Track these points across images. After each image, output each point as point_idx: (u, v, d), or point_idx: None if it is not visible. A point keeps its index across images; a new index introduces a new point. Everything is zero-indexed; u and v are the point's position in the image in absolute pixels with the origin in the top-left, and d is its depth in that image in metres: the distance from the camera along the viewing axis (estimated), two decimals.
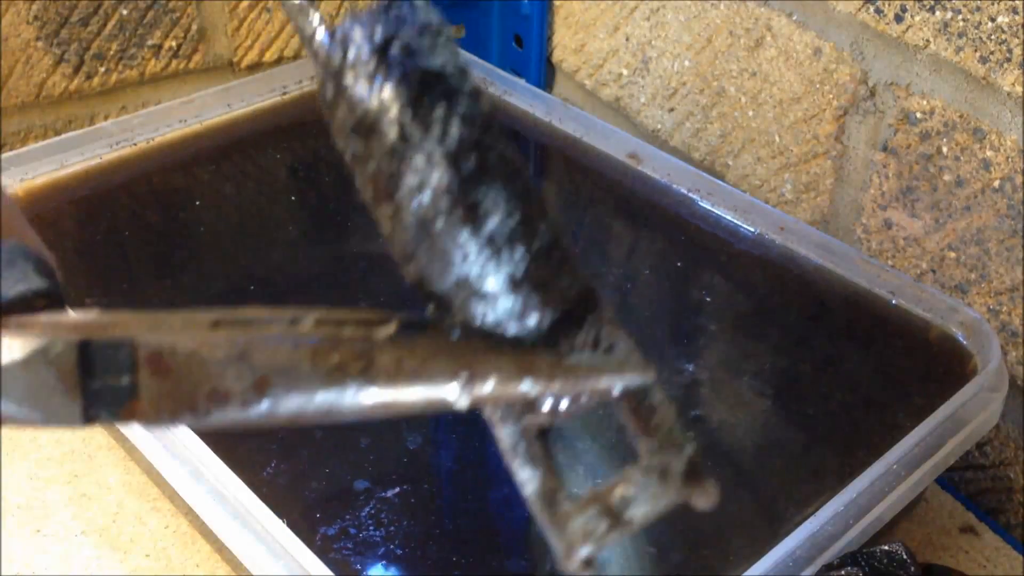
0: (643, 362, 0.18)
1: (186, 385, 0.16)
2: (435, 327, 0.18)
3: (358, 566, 0.35)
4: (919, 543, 0.41)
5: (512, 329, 0.17)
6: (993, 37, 0.41)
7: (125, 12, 0.57)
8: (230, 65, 0.61)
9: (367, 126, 0.18)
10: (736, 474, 0.40)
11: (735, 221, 0.50)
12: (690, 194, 0.51)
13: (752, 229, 0.49)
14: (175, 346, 0.16)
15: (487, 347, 0.17)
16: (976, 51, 0.42)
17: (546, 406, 0.17)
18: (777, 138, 0.52)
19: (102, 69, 0.58)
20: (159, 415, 0.16)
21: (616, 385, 0.17)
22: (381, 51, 0.18)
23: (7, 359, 0.15)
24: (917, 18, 0.44)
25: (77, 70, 0.57)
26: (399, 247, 0.18)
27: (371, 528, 0.36)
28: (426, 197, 0.17)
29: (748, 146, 0.54)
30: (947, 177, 0.45)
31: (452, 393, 0.16)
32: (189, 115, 0.53)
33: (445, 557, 0.36)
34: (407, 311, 0.18)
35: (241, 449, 0.38)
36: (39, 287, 0.17)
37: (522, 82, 0.59)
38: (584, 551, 0.17)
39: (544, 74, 0.66)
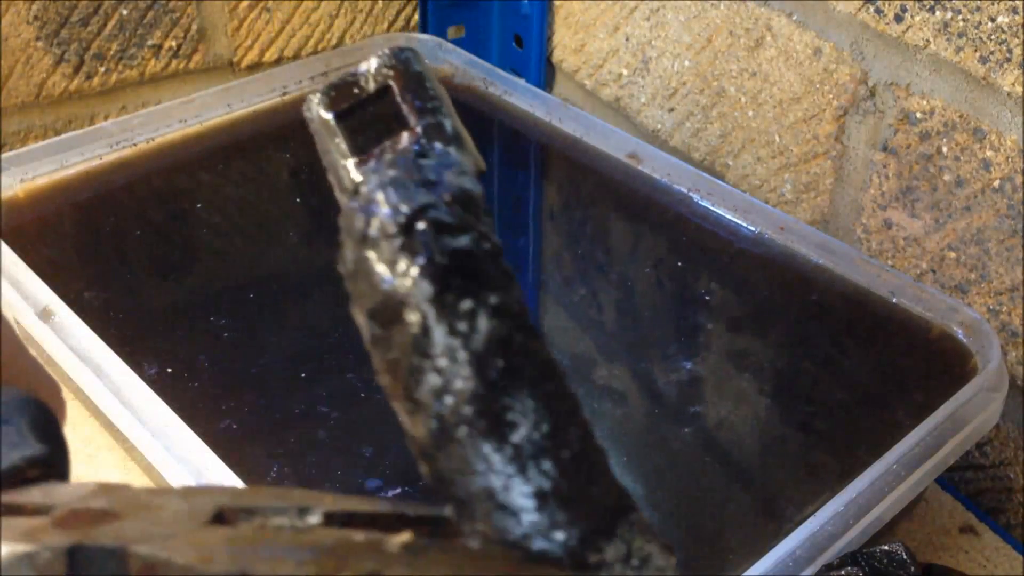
0: None
1: None
2: (454, 532, 0.16)
3: None
4: (919, 543, 0.41)
5: (538, 544, 0.16)
6: (993, 37, 0.41)
7: (125, 12, 0.57)
8: (230, 65, 0.61)
9: (388, 311, 0.16)
10: (736, 473, 0.40)
11: (735, 221, 0.50)
12: (690, 194, 0.51)
13: (752, 229, 0.49)
14: (171, 560, 0.14)
15: (508, 563, 0.16)
16: (976, 51, 0.42)
17: None
18: (777, 138, 0.52)
19: (102, 69, 0.58)
20: None
21: None
22: (407, 228, 0.16)
23: None
24: (917, 18, 0.44)
25: (77, 70, 0.57)
26: (417, 444, 0.17)
27: None
28: (448, 402, 0.16)
29: (748, 146, 0.54)
30: (947, 177, 0.45)
31: None
32: (189, 115, 0.53)
33: None
34: (425, 504, 0.17)
35: (245, 453, 0.38)
36: (35, 454, 0.16)
37: (522, 82, 0.59)
38: None
39: (544, 74, 0.66)
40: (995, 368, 0.40)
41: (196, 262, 0.49)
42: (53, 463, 0.16)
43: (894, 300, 0.45)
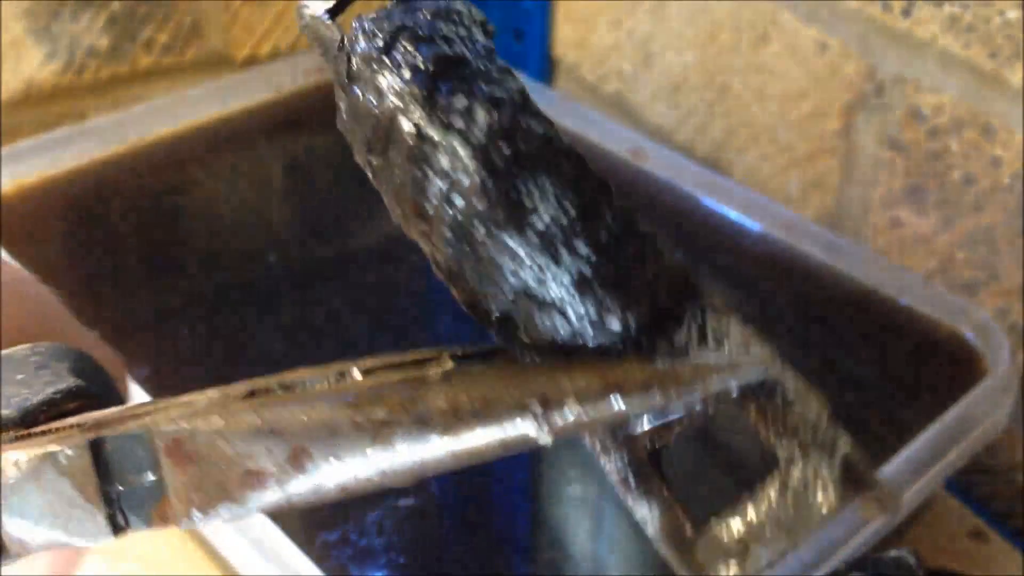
0: (764, 351, 0.15)
1: (215, 472, 0.14)
2: (502, 354, 0.15)
3: (356, 574, 0.34)
4: (927, 548, 0.41)
5: (593, 339, 0.15)
6: (1002, 32, 0.41)
7: (117, 6, 0.56)
8: (224, 60, 0.61)
9: (383, 136, 0.15)
10: (741, 478, 0.39)
11: (740, 219, 0.49)
12: (694, 191, 0.50)
13: (757, 227, 0.48)
14: (195, 429, 0.14)
15: (564, 366, 0.14)
16: (985, 46, 0.41)
17: (649, 423, 0.15)
18: (783, 135, 0.52)
19: (93, 64, 0.57)
20: (191, 512, 0.14)
21: (732, 384, 0.14)
22: (387, 47, 0.15)
23: (13, 475, 0.13)
24: (925, 12, 0.43)
25: (68, 65, 0.56)
26: (443, 267, 0.15)
27: (373, 535, 0.35)
28: (458, 203, 0.15)
29: (753, 143, 0.53)
30: (956, 175, 0.44)
31: (527, 429, 0.13)
32: (183, 111, 0.53)
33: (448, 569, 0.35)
34: (473, 343, 0.15)
35: None
36: (70, 386, 0.15)
37: (522, 77, 0.58)
38: None
39: (545, 69, 0.65)
40: (1005, 370, 0.39)
41: (190, 260, 0.48)
42: (91, 398, 0.15)
43: (902, 300, 0.44)
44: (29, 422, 0.14)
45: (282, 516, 0.33)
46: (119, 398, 0.16)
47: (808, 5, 0.48)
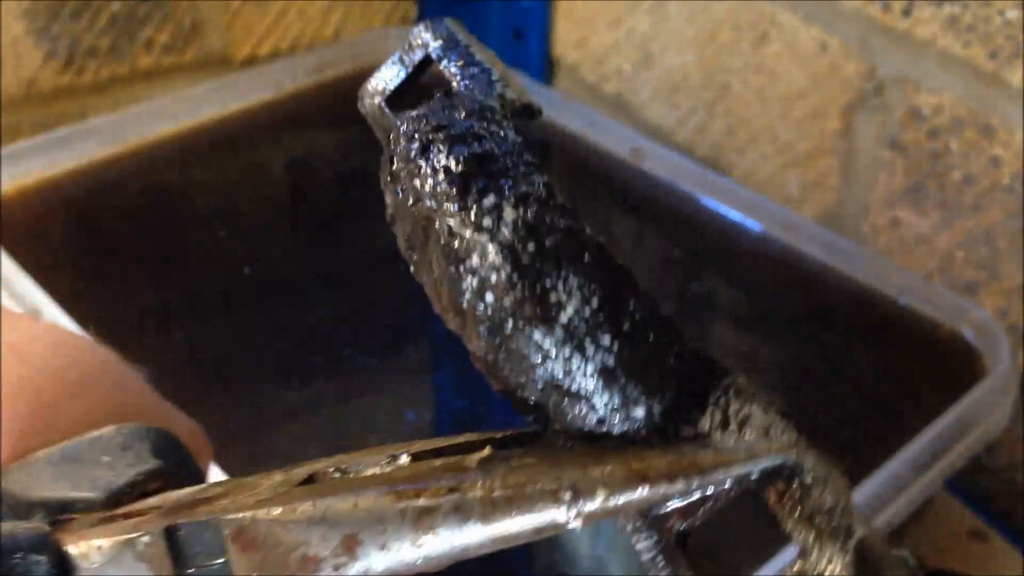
0: (786, 436, 0.15)
1: (275, 557, 0.15)
2: (535, 439, 0.16)
3: None
4: (927, 548, 0.41)
5: (618, 426, 0.15)
6: (1002, 32, 0.41)
7: (117, 6, 0.56)
8: (224, 60, 0.61)
9: (421, 234, 0.16)
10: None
11: (740, 219, 0.49)
12: (694, 191, 0.50)
13: (757, 227, 0.48)
14: (257, 517, 0.15)
15: (594, 455, 0.15)
16: (985, 46, 0.41)
17: (675, 506, 0.15)
18: (782, 135, 0.52)
19: (93, 64, 0.57)
20: None
21: (753, 470, 0.15)
22: (424, 148, 0.16)
23: (97, 559, 0.15)
24: (925, 12, 0.43)
25: (68, 65, 0.56)
26: (480, 358, 0.16)
27: None
28: (489, 298, 0.16)
29: (753, 143, 0.53)
30: (956, 174, 0.44)
31: (559, 516, 0.14)
32: (182, 111, 0.53)
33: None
34: (512, 427, 0.17)
35: (239, 452, 0.37)
36: (151, 468, 0.16)
37: (522, 77, 0.58)
38: None
39: (545, 69, 0.65)
40: (1005, 369, 0.39)
41: (189, 260, 0.48)
42: (171, 477, 0.17)
43: (902, 300, 0.44)
44: (113, 504, 0.15)
45: None
46: (197, 473, 0.18)
47: (808, 5, 0.48)
